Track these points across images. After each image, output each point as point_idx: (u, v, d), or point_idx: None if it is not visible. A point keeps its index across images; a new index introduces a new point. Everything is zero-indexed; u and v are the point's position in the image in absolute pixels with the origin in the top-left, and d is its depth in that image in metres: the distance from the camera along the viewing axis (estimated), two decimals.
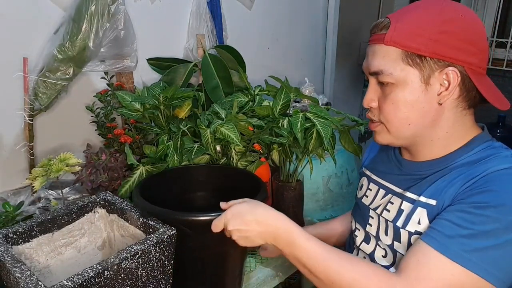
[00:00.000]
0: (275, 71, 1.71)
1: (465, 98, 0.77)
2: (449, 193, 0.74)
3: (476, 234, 0.67)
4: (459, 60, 0.74)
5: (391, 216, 0.85)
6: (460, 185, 0.74)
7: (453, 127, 0.79)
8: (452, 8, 0.76)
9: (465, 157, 0.78)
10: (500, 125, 2.71)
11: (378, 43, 0.78)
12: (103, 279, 0.68)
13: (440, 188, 0.77)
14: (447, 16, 0.74)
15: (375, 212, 0.91)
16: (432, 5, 0.76)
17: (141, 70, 1.44)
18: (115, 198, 0.93)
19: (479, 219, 0.68)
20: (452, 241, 0.68)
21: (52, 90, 1.16)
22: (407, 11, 0.77)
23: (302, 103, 1.70)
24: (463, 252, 0.67)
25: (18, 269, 0.68)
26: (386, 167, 0.95)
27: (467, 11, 0.77)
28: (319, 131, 1.07)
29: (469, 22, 0.75)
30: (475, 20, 0.76)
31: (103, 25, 1.17)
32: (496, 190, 0.69)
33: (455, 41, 0.73)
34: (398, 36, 0.75)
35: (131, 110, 1.13)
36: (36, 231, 0.83)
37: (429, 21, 0.74)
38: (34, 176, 0.96)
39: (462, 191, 0.73)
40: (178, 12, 1.53)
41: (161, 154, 1.07)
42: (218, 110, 1.18)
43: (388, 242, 0.85)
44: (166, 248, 0.79)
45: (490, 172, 0.71)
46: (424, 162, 0.84)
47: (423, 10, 0.76)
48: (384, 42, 0.76)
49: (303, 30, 2.12)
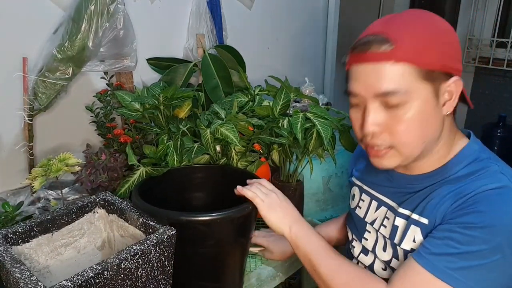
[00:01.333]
0: (275, 71, 1.71)
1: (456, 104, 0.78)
2: (440, 211, 0.75)
3: (463, 254, 0.68)
4: (458, 69, 0.74)
5: (387, 232, 0.85)
6: (450, 204, 0.74)
7: (448, 136, 0.79)
8: (438, 18, 0.75)
9: (455, 171, 0.78)
10: (500, 125, 2.71)
11: (382, 61, 0.71)
12: (102, 279, 0.68)
13: (431, 206, 0.76)
14: (442, 26, 0.73)
15: (372, 227, 0.90)
16: (422, 17, 0.74)
17: (141, 70, 1.44)
18: (115, 198, 0.93)
19: (466, 239, 0.68)
20: (438, 259, 0.70)
21: (52, 90, 1.15)
22: (403, 24, 0.72)
23: (302, 103, 1.70)
24: (449, 270, 0.68)
25: (18, 270, 0.68)
26: (376, 178, 0.93)
27: (443, 20, 0.76)
28: (319, 131, 1.07)
29: (452, 30, 0.75)
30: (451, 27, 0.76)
31: (103, 25, 1.17)
32: (484, 211, 0.69)
33: (453, 51, 0.74)
34: (409, 53, 0.70)
35: (131, 110, 1.13)
36: (36, 231, 0.83)
37: (431, 33, 0.71)
38: (33, 176, 0.96)
39: (452, 210, 0.73)
40: (178, 12, 1.52)
41: (161, 154, 1.07)
42: (218, 110, 1.18)
43: (386, 258, 0.85)
44: (166, 248, 0.78)
45: (479, 192, 0.71)
46: (416, 176, 0.82)
47: (419, 23, 0.73)
48: (395, 59, 0.70)
49: (303, 30, 2.12)
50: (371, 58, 0.72)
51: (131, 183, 1.00)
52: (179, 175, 1.08)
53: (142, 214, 0.86)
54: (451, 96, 0.75)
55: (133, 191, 0.94)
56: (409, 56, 0.69)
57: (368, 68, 0.72)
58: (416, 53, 0.70)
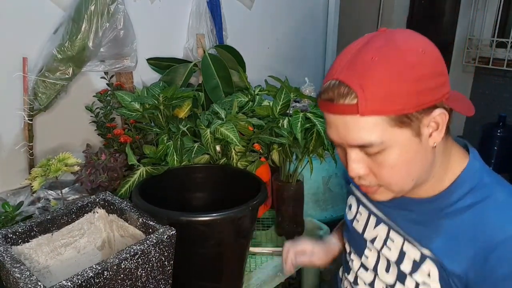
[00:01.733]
0: (275, 71, 1.71)
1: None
2: (463, 259, 0.69)
3: None
4: (439, 98, 0.65)
5: (393, 256, 0.80)
6: (471, 254, 0.68)
7: (442, 159, 0.73)
8: (409, 46, 0.64)
9: (456, 198, 0.72)
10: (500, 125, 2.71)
11: (348, 114, 0.65)
12: (102, 279, 0.68)
13: (447, 246, 0.72)
14: (412, 59, 0.63)
15: (373, 245, 0.85)
16: (388, 53, 0.64)
17: (141, 70, 1.44)
18: (115, 198, 0.93)
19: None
20: None
21: (52, 90, 1.15)
22: (365, 69, 0.64)
23: (302, 103, 1.70)
24: None
25: (18, 270, 0.68)
26: None
27: (420, 40, 0.67)
28: (319, 131, 1.07)
29: (430, 53, 0.65)
30: (431, 46, 0.67)
31: (103, 25, 1.17)
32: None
33: (430, 82, 0.64)
34: (376, 103, 0.62)
35: (131, 110, 1.13)
36: (36, 231, 0.83)
37: (399, 74, 0.62)
38: (33, 176, 0.96)
39: (480, 266, 0.67)
40: (178, 12, 1.52)
41: (161, 154, 1.07)
42: (218, 110, 1.18)
43: (390, 280, 0.80)
44: (166, 248, 0.78)
45: (503, 240, 0.65)
46: (416, 200, 0.77)
47: (384, 63, 0.63)
48: (360, 113, 0.63)
49: (303, 30, 2.12)
50: (337, 110, 0.66)
51: (131, 183, 1.00)
52: (179, 175, 1.08)
53: (142, 214, 0.86)
54: (437, 126, 0.67)
55: (133, 191, 0.94)
56: (375, 107, 0.62)
57: (338, 120, 0.67)
58: (383, 103, 0.62)
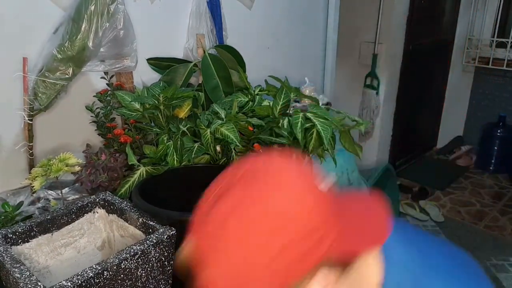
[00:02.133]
0: (275, 71, 1.71)
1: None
2: None
3: None
4: (318, 257, 0.47)
5: None
6: None
7: None
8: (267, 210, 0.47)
9: None
10: (500, 125, 2.71)
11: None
12: (102, 279, 0.68)
13: None
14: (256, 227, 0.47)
15: None
16: (239, 226, 0.48)
17: (141, 70, 1.44)
18: (115, 198, 0.93)
19: None
20: None
21: (52, 90, 1.15)
22: (216, 242, 0.49)
23: (302, 103, 1.70)
24: None
25: (18, 270, 0.67)
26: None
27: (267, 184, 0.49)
28: (319, 131, 1.07)
29: (290, 198, 0.48)
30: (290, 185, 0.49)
31: (103, 25, 1.17)
32: None
33: (294, 247, 0.46)
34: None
35: (131, 110, 1.13)
36: (36, 231, 0.83)
37: (245, 257, 0.47)
38: (33, 176, 0.96)
39: None
40: (178, 12, 1.52)
41: (161, 154, 1.07)
42: (218, 110, 1.18)
43: None
44: (166, 248, 0.78)
45: None
46: None
47: (232, 242, 0.48)
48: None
49: (303, 30, 2.12)
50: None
51: (131, 183, 1.00)
52: (179, 175, 1.08)
53: (142, 214, 0.86)
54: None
55: (134, 191, 0.94)
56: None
57: None
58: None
